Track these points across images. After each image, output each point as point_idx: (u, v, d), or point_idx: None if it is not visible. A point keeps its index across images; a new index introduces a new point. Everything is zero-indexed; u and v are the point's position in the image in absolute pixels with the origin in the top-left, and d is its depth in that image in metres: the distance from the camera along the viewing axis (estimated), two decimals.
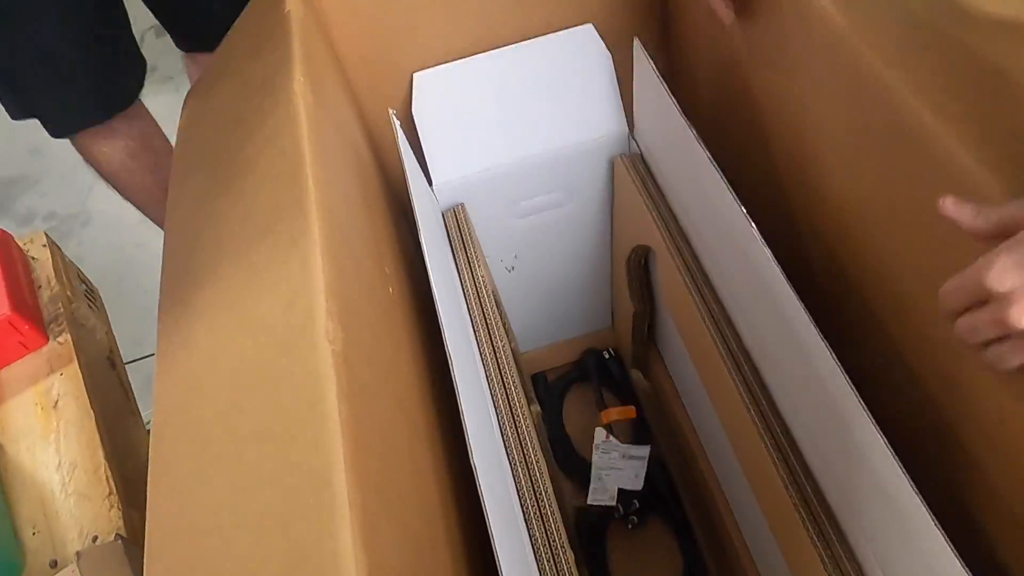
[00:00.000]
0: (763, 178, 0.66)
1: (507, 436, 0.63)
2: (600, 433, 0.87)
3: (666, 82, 0.62)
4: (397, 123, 0.71)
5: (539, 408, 0.86)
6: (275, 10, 0.62)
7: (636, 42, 0.68)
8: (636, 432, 0.93)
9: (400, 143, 0.70)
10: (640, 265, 0.84)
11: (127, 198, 1.11)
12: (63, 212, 1.55)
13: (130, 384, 0.92)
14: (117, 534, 0.62)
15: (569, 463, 0.96)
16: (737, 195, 0.54)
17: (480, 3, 0.72)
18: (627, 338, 0.96)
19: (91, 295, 0.97)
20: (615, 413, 0.93)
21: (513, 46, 0.75)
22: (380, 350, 0.47)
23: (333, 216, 0.47)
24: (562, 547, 0.57)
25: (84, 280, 0.98)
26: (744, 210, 0.54)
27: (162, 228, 0.60)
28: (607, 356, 1.02)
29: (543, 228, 0.85)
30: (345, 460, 0.35)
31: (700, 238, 0.67)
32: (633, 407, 0.94)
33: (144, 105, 1.03)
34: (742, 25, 0.60)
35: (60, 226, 1.53)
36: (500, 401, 0.65)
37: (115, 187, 1.09)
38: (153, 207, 1.12)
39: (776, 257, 0.51)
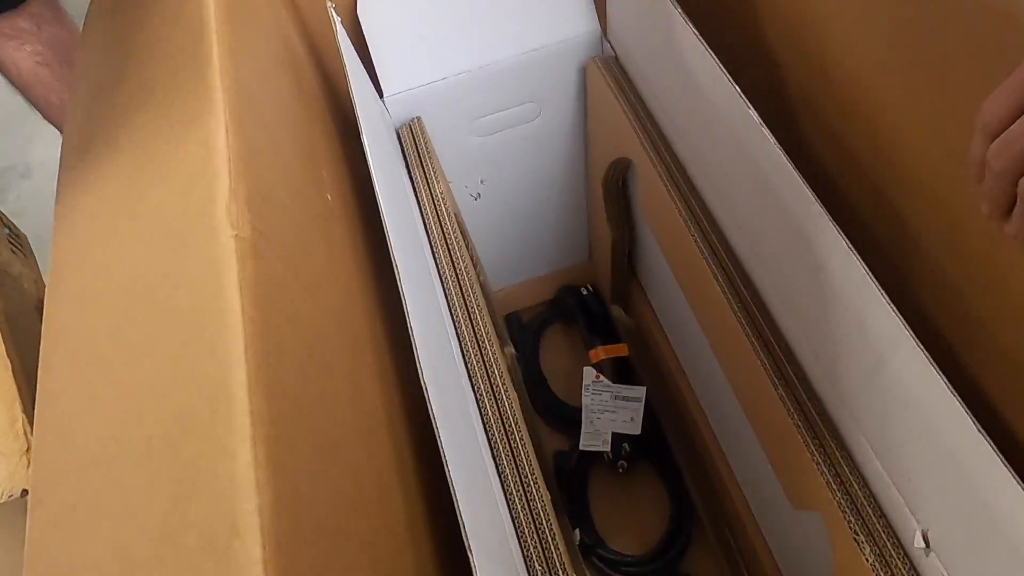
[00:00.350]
0: (755, 59, 0.58)
1: (475, 376, 0.56)
2: (589, 373, 0.81)
3: None
4: (338, 20, 0.62)
5: (513, 350, 0.79)
6: None
7: None
8: (621, 372, 0.86)
9: (341, 44, 0.61)
10: (618, 184, 0.77)
11: (48, 118, 0.99)
12: (2, 164, 1.45)
13: None
14: (24, 490, 0.55)
15: (549, 408, 0.89)
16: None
17: None
18: (606, 271, 0.89)
19: (16, 240, 0.89)
20: (604, 352, 0.86)
21: None
22: (306, 250, 0.39)
23: (243, 92, 0.39)
24: (536, 486, 0.50)
25: (8, 224, 0.89)
26: (740, 91, 0.47)
27: None
28: (585, 292, 0.95)
29: (510, 147, 0.77)
30: (248, 364, 0.28)
31: (686, 142, 0.60)
32: (625, 345, 0.87)
33: (63, 10, 0.92)
34: None
35: None
36: (467, 339, 0.58)
37: (31, 102, 0.97)
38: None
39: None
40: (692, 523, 0.79)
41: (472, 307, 0.60)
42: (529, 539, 0.46)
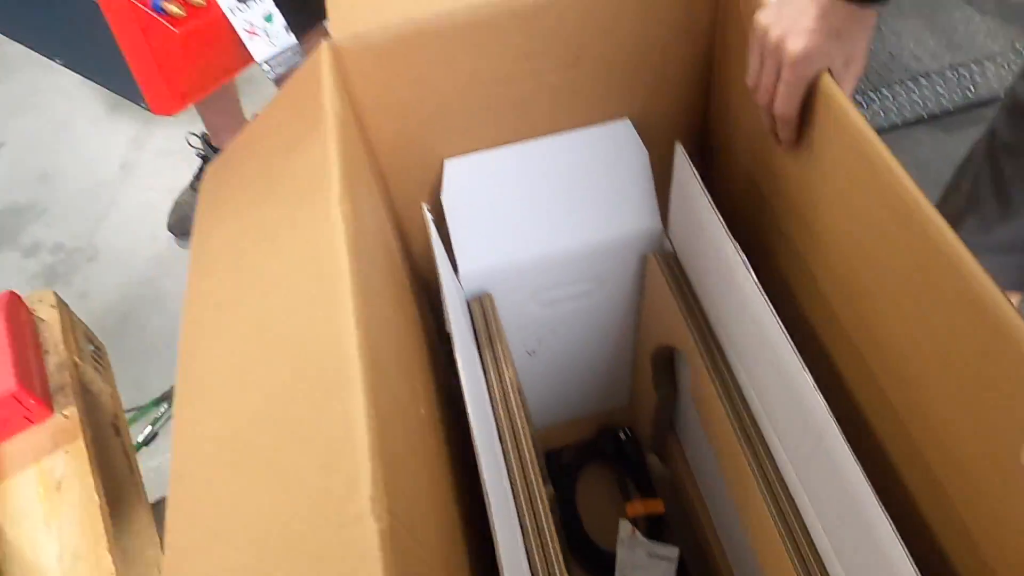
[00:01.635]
0: (800, 300, 0.64)
1: (524, 516, 0.62)
2: (625, 527, 0.85)
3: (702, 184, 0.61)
4: (429, 217, 0.69)
5: (552, 489, 0.84)
6: (312, 99, 0.60)
7: (678, 147, 0.66)
8: (656, 528, 0.90)
9: (432, 237, 0.68)
10: (666, 361, 0.82)
11: None
12: (70, 245, 1.53)
13: (133, 449, 0.90)
14: None
15: (580, 548, 0.93)
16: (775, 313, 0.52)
17: (516, 93, 0.70)
18: (645, 420, 0.94)
19: (98, 354, 0.95)
20: (641, 507, 0.90)
21: (548, 137, 0.73)
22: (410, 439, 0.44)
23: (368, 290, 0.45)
24: None
25: (91, 339, 0.96)
26: (788, 337, 0.52)
27: None
28: (623, 436, 1.00)
29: (567, 316, 0.83)
30: None
31: (734, 348, 0.65)
32: (660, 500, 0.91)
33: None
34: (796, 150, 0.58)
35: (66, 259, 1.50)
36: (518, 484, 0.64)
37: None
38: None
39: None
40: None
41: (526, 461, 0.66)
42: None
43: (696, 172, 0.63)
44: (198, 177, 1.50)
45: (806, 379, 0.50)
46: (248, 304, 0.50)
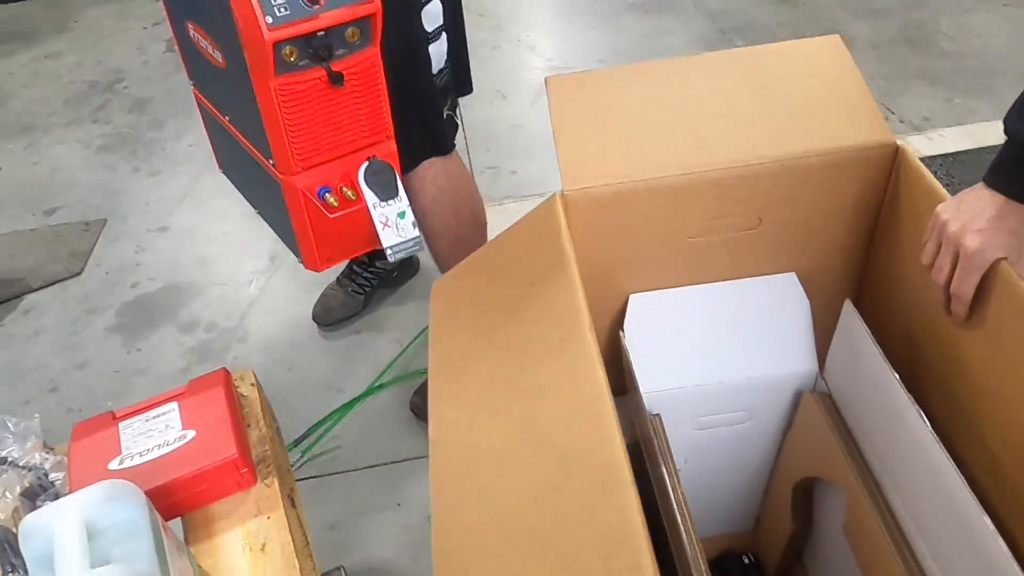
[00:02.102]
0: (956, 443, 0.71)
1: None
2: None
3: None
4: (627, 344, 0.79)
5: None
6: (553, 240, 0.71)
7: (847, 304, 0.76)
8: None
9: (631, 361, 0.78)
10: (807, 492, 0.88)
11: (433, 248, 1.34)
12: (223, 325, 1.68)
13: (307, 523, 0.99)
14: None
15: None
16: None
17: (701, 245, 0.81)
18: (771, 547, 0.99)
19: (279, 432, 1.06)
20: None
21: (721, 283, 0.84)
22: None
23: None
24: None
25: (275, 417, 1.07)
26: (966, 484, 0.59)
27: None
28: (747, 561, 1.05)
29: (717, 440, 0.91)
30: None
31: (895, 486, 0.72)
32: None
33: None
34: (968, 323, 0.66)
35: (219, 338, 1.65)
36: None
37: (425, 228, 1.29)
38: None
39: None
40: None
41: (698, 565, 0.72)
42: None
43: (866, 327, 0.72)
44: (345, 274, 1.66)
45: (986, 523, 0.57)
46: (507, 407, 0.60)
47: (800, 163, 0.73)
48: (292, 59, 0.91)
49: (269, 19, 0.88)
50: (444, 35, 1.13)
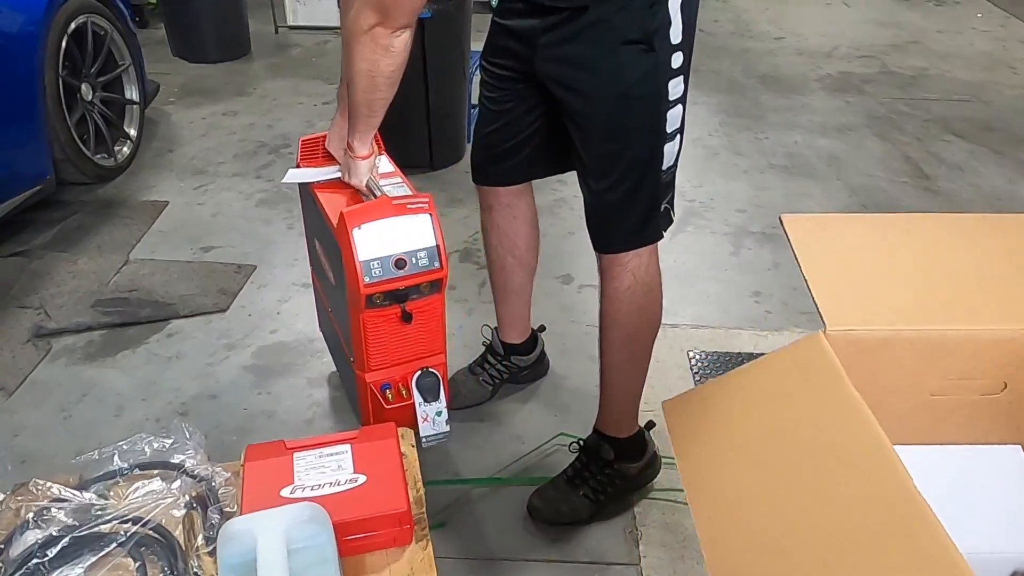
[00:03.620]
0: None
1: None
2: None
3: None
4: None
5: None
6: (829, 379, 0.71)
7: None
8: None
9: None
10: None
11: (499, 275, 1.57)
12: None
13: None
14: None
15: None
16: None
17: (939, 403, 0.80)
18: None
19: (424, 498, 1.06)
20: None
21: (950, 446, 0.81)
22: None
23: None
24: None
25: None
26: None
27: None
28: None
29: None
30: None
31: None
32: None
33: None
34: None
35: (345, 400, 1.68)
36: None
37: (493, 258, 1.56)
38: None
39: None
40: None
41: None
42: None
43: None
44: (478, 363, 1.70)
45: None
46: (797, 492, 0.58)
47: None
48: (378, 301, 1.26)
49: (367, 279, 1.23)
50: (678, 137, 1.23)
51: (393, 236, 1.24)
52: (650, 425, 1.43)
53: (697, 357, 1.84)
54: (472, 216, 2.03)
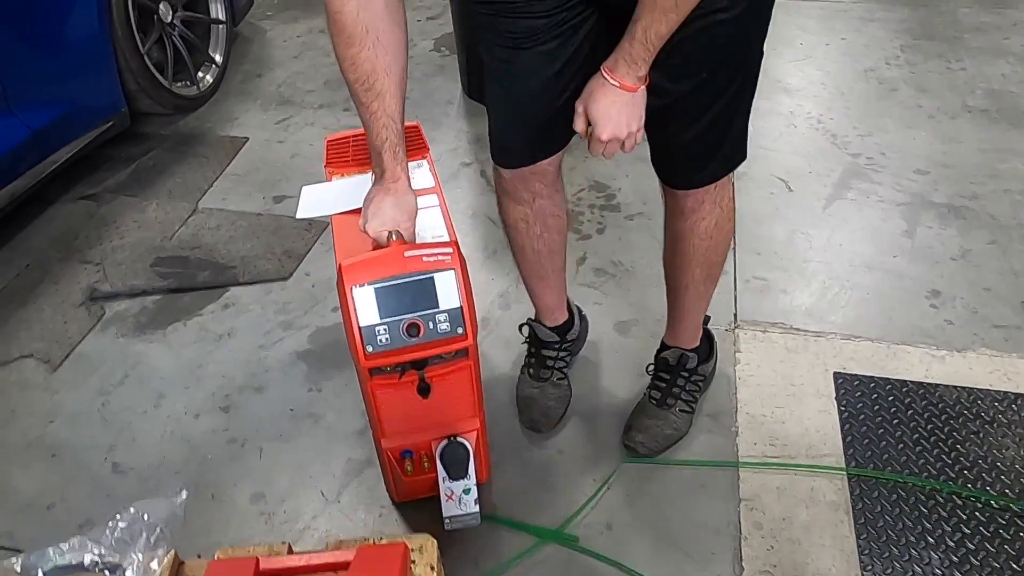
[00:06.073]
0: None
1: None
2: None
3: None
4: None
5: None
6: None
7: None
8: None
9: None
10: None
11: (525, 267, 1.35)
12: None
13: None
14: None
15: None
16: None
17: None
18: None
19: None
20: None
21: None
22: None
23: None
24: None
25: None
26: None
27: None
28: None
29: None
30: None
31: None
32: None
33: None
34: None
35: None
36: None
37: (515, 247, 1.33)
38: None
39: None
40: None
41: None
42: None
43: None
44: (534, 366, 1.43)
45: None
46: None
47: None
48: (388, 369, 1.02)
49: (369, 348, 0.98)
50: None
51: (405, 296, 0.98)
52: (706, 320, 1.39)
53: (846, 381, 1.43)
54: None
